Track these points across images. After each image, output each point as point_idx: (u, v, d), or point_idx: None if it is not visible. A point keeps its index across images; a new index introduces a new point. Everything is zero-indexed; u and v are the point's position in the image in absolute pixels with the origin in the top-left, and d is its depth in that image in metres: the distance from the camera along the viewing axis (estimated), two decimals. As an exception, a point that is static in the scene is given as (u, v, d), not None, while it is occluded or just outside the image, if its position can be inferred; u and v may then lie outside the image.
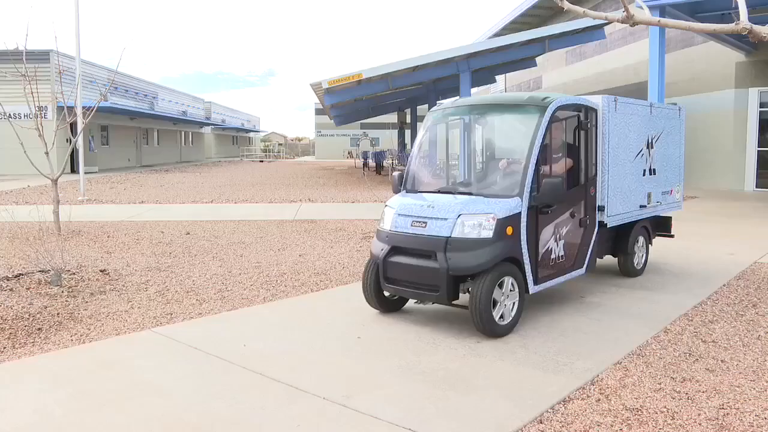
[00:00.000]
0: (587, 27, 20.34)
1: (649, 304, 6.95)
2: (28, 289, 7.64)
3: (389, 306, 6.62)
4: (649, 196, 8.21)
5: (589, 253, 7.02)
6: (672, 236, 9.20)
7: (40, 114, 12.33)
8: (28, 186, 23.19)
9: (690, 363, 5.12)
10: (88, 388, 4.69)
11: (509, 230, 5.76)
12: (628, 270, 8.21)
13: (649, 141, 8.20)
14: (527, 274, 6.00)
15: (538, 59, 28.35)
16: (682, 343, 5.60)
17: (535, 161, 6.01)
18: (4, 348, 5.68)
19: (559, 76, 33.90)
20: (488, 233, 5.69)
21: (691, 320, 6.31)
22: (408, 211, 6.25)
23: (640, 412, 4.21)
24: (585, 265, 6.99)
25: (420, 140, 7.26)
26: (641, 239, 8.40)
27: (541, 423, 4.08)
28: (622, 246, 8.08)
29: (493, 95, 6.97)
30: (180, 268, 9.00)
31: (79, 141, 17.58)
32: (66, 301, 7.18)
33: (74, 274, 8.47)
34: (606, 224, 7.32)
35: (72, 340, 5.90)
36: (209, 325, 6.32)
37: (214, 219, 14.46)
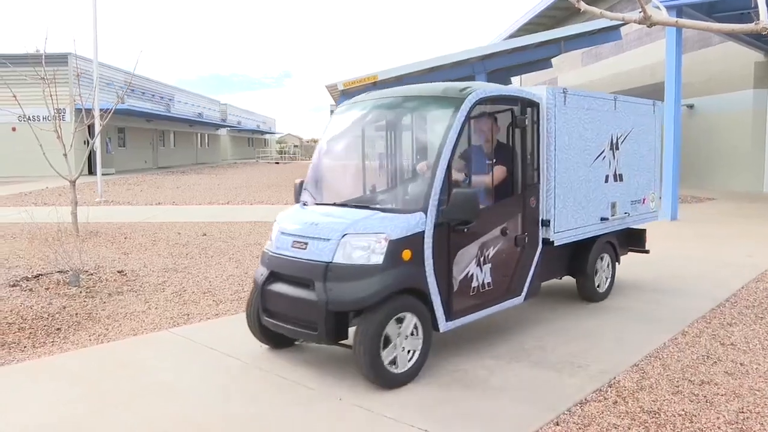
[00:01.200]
0: (603, 28, 20.22)
1: (665, 306, 6.88)
2: (47, 289, 7.73)
3: (277, 341, 5.43)
4: (613, 206, 6.96)
5: (529, 277, 5.82)
6: (646, 252, 7.85)
7: (59, 116, 12.47)
8: (47, 187, 23.44)
9: (708, 366, 5.07)
10: (106, 388, 4.73)
11: (406, 254, 4.63)
12: (587, 293, 6.95)
13: (614, 141, 6.95)
14: (436, 308, 4.84)
15: (553, 60, 28.22)
16: (700, 346, 5.55)
17: (445, 167, 4.81)
18: (25, 347, 5.75)
19: (574, 77, 33.73)
20: (378, 258, 4.56)
21: (709, 323, 6.25)
22: (291, 228, 5.14)
23: (657, 415, 4.18)
24: (524, 292, 5.77)
25: (322, 142, 6.05)
26: (605, 257, 7.17)
27: (557, 425, 4.06)
28: (579, 266, 6.84)
29: (410, 86, 5.98)
30: (197, 269, 9.05)
31: (97, 143, 17.73)
32: (84, 301, 7.26)
33: (92, 274, 8.55)
34: (553, 242, 6.12)
35: (90, 340, 5.95)
36: (226, 325, 6.35)
37: (230, 220, 14.53)
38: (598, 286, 7.02)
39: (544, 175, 5.98)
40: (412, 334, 4.72)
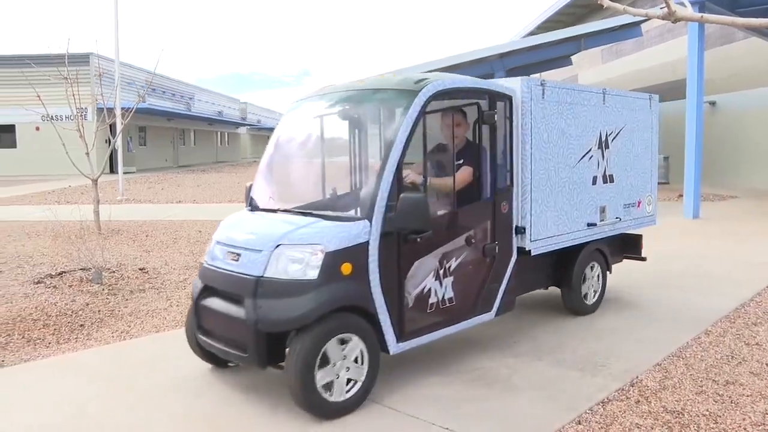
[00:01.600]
0: (624, 25, 20.02)
1: (688, 305, 6.80)
2: (70, 286, 7.83)
3: (217, 360, 4.95)
4: (602, 210, 6.34)
5: (501, 290, 5.26)
6: (643, 259, 7.22)
7: (81, 115, 12.61)
8: (70, 186, 23.73)
9: (733, 366, 5.00)
10: (128, 384, 4.78)
11: (346, 268, 4.14)
12: (573, 306, 6.34)
13: (603, 139, 6.28)
14: (385, 328, 4.34)
15: (573, 58, 28.03)
16: (724, 346, 5.48)
17: (394, 169, 4.29)
18: (50, 343, 5.83)
19: (595, 74, 33.46)
20: (313, 273, 4.07)
21: (733, 322, 6.17)
22: (226, 237, 4.71)
23: (681, 415, 4.13)
24: (495, 307, 5.23)
25: (273, 141, 5.45)
26: (595, 267, 6.56)
27: (579, 424, 4.03)
28: (563, 276, 6.27)
29: (368, 79, 5.39)
30: (217, 267, 9.09)
31: (118, 142, 17.92)
32: (107, 298, 7.34)
33: (114, 272, 8.64)
34: (530, 251, 5.54)
35: (113, 336, 6.02)
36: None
37: (249, 218, 14.58)
38: (585, 297, 6.41)
39: (519, 176, 5.39)
40: (355, 361, 4.21)
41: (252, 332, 4.07)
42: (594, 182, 6.21)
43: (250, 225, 4.80)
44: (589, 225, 6.16)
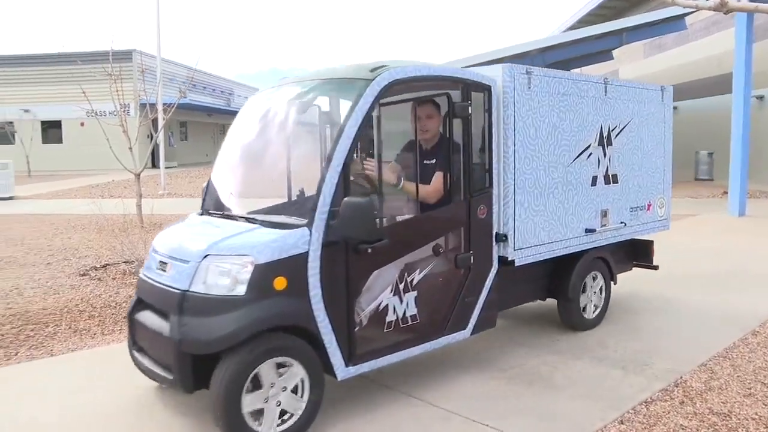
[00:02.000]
0: (667, 18, 19.58)
1: (733, 304, 6.62)
2: (114, 278, 8.00)
3: None
4: (603, 214, 5.69)
5: (478, 306, 4.70)
6: (655, 268, 6.54)
7: (124, 111, 12.85)
8: (113, 180, 24.24)
9: (782, 368, 4.86)
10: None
11: (279, 283, 3.64)
12: (571, 320, 5.72)
13: (605, 134, 5.64)
14: (330, 351, 3.83)
15: (614, 52, 27.56)
16: (773, 347, 5.33)
17: (339, 169, 3.76)
18: (95, 334, 5.97)
19: (636, 69, 32.83)
20: (241, 288, 3.59)
21: (783, 323, 5.99)
22: (161, 244, 4.25)
23: (728, 418, 4.03)
24: (470, 325, 4.68)
25: (227, 139, 4.88)
26: (596, 277, 5.91)
27: (622, 423, 3.96)
28: (559, 287, 5.64)
29: (325, 68, 4.83)
30: (256, 261, 9.18)
31: (160, 137, 18.22)
32: (150, 290, 7.47)
33: (157, 265, 8.78)
34: (513, 261, 4.92)
35: (156, 328, 6.13)
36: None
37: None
38: (584, 311, 5.78)
39: (500, 177, 4.77)
40: (294, 391, 3.75)
41: (176, 352, 3.62)
42: (594, 183, 5.57)
43: (186, 231, 4.34)
44: (587, 231, 5.52)
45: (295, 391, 3.75)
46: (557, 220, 5.24)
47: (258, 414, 3.63)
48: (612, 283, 6.11)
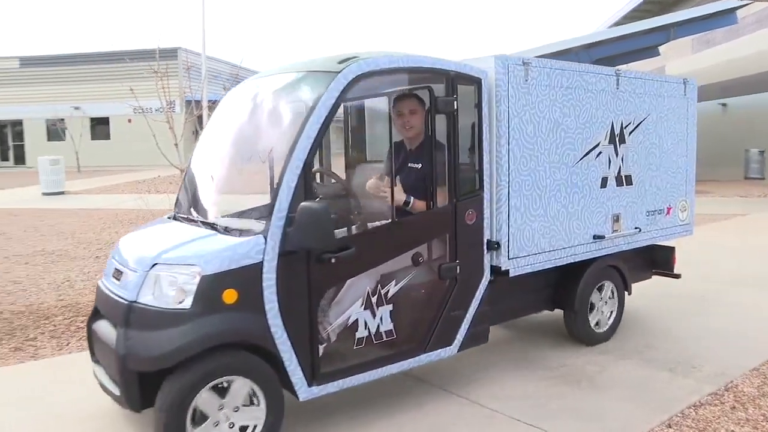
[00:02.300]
0: (718, 11, 19.11)
1: (788, 307, 6.42)
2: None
3: None
4: (615, 219, 5.23)
5: (466, 320, 4.29)
6: (677, 276, 5.99)
7: (170, 108, 13.09)
8: (159, 176, 24.71)
9: (839, 374, 4.70)
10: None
11: (229, 296, 3.31)
12: (578, 333, 5.29)
13: (616, 131, 5.16)
14: (290, 370, 3.50)
15: (661, 48, 26.98)
16: (829, 352, 5.15)
17: (298, 171, 3.41)
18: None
19: (683, 65, 32.06)
20: (186, 301, 3.29)
21: (839, 327, 5.79)
22: (119, 249, 3.94)
23: (782, 424, 3.92)
24: (456, 341, 4.27)
25: (202, 137, 4.61)
26: (606, 287, 5.42)
27: (669, 427, 3.89)
28: (564, 298, 5.19)
29: (297, 62, 4.38)
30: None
31: (204, 134, 18.51)
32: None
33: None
34: (507, 271, 4.50)
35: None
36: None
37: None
38: (596, 325, 5.34)
39: (493, 178, 4.35)
40: (252, 403, 3.46)
41: (121, 367, 3.34)
42: (603, 185, 5.10)
43: (146, 237, 4.06)
44: (596, 238, 5.05)
45: (253, 402, 3.47)
46: (560, 226, 4.79)
47: None
48: (626, 293, 5.62)
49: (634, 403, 4.22)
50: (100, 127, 36.33)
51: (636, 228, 5.41)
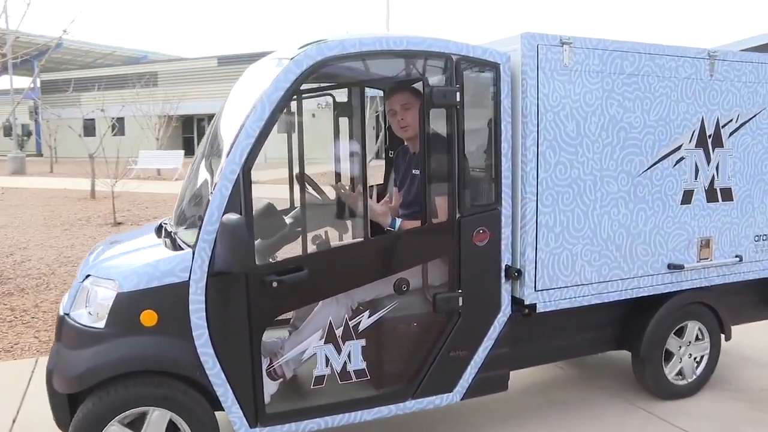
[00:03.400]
0: None
1: None
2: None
3: None
4: (703, 244, 4.04)
5: (473, 363, 3.49)
6: None
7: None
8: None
9: None
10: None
11: (148, 318, 2.87)
12: (647, 384, 4.19)
13: (708, 132, 3.95)
14: (227, 407, 3.01)
15: None
16: None
17: (234, 176, 2.87)
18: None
19: None
20: (101, 319, 2.91)
21: None
22: (93, 257, 3.50)
23: None
24: (459, 387, 3.49)
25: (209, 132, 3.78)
26: (688, 329, 4.21)
27: None
28: (630, 339, 4.11)
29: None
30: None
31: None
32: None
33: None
34: (534, 306, 3.56)
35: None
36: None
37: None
38: (678, 375, 4.21)
39: (516, 189, 3.47)
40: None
41: (47, 384, 3.03)
42: (687, 200, 3.94)
43: (116, 244, 3.62)
44: (672, 267, 3.92)
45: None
46: (616, 251, 3.73)
47: None
48: (723, 337, 4.34)
49: None
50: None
51: (736, 256, 4.16)
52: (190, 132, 39.42)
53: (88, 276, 3.10)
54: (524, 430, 3.83)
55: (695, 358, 4.28)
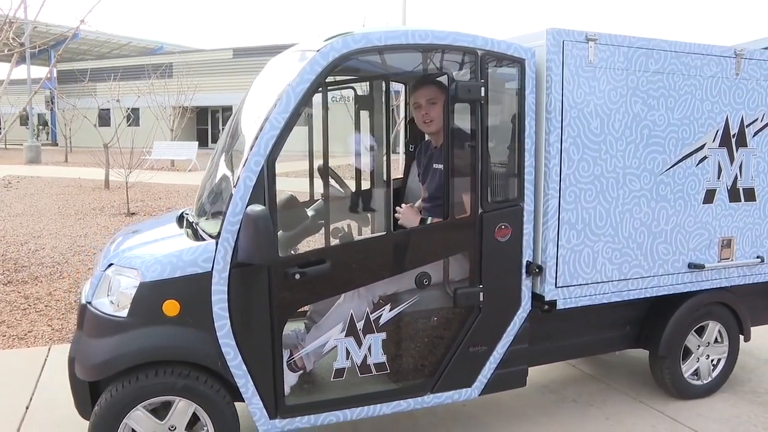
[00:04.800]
0: None
1: None
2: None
3: None
4: (725, 244, 4.06)
5: (492, 359, 3.52)
6: None
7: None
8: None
9: None
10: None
11: (170, 307, 2.91)
12: (664, 383, 4.21)
13: (732, 131, 3.95)
14: (247, 398, 3.05)
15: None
16: None
17: (258, 168, 2.89)
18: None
19: None
20: (123, 309, 2.95)
21: None
22: (114, 246, 3.52)
23: None
24: (478, 382, 3.52)
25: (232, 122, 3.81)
26: (710, 329, 4.25)
27: None
28: (649, 337, 4.15)
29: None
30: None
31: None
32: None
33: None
34: (555, 302, 3.60)
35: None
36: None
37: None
38: (694, 374, 4.26)
39: (539, 186, 3.48)
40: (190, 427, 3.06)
41: (70, 372, 3.10)
42: (709, 199, 3.96)
43: (139, 233, 3.65)
44: (692, 266, 3.95)
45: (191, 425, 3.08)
46: (637, 249, 3.76)
47: None
48: (742, 338, 4.37)
49: None
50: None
51: (758, 257, 4.19)
52: (204, 123, 39.58)
53: (110, 265, 3.13)
54: (535, 428, 3.84)
55: (712, 360, 4.32)
